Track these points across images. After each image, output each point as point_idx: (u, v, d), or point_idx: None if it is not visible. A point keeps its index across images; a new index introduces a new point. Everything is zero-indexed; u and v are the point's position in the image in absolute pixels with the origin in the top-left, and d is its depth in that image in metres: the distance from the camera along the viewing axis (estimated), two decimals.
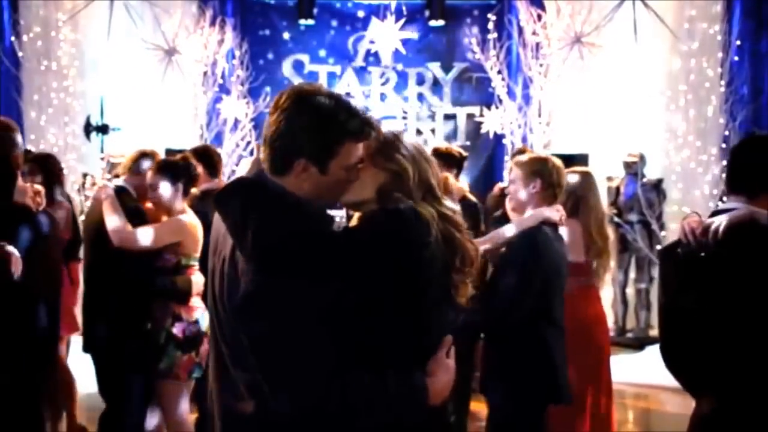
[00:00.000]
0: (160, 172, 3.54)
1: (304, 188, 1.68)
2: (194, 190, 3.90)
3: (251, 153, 8.25)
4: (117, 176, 5.36)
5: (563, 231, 3.64)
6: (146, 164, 3.74)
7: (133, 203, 3.62)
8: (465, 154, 5.09)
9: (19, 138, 2.71)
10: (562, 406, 3.18)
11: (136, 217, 3.56)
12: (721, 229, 2.23)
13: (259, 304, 1.56)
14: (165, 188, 3.53)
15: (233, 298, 1.61)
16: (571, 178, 3.76)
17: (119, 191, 3.62)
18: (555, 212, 3.12)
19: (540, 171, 3.12)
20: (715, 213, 2.37)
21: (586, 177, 3.94)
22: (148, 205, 3.70)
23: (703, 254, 2.30)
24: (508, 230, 3.08)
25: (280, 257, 1.56)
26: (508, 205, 3.33)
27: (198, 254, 3.58)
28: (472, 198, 4.77)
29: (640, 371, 6.30)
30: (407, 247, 1.67)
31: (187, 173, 3.60)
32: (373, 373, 1.61)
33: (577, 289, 3.69)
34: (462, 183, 4.79)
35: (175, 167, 3.59)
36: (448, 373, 1.73)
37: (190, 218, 3.60)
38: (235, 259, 1.63)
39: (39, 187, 2.74)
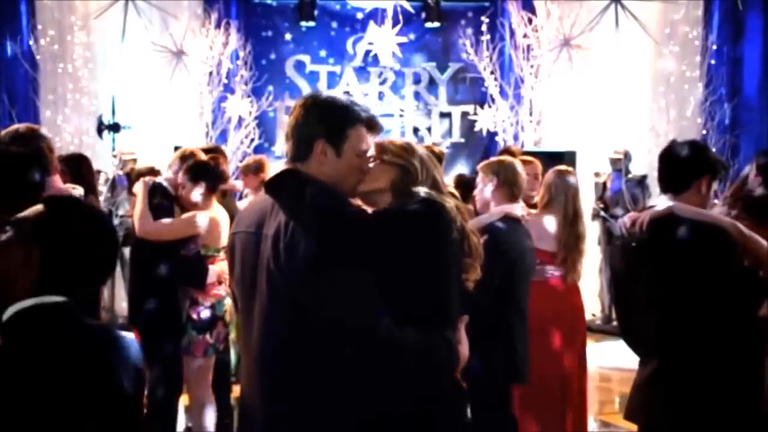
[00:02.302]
0: (185, 173, 3.84)
1: (324, 172, 1.96)
2: None
3: (255, 150, 8.51)
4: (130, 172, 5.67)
5: (548, 221, 3.97)
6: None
7: (159, 199, 3.90)
8: (444, 151, 5.40)
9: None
10: (527, 387, 3.53)
11: (160, 211, 3.85)
12: (645, 222, 2.66)
13: (320, 266, 1.81)
14: (189, 187, 3.84)
15: (293, 263, 1.84)
16: (550, 175, 4.08)
17: (155, 187, 3.92)
18: (518, 209, 3.44)
19: (496, 171, 3.46)
20: (647, 208, 2.81)
21: (559, 176, 4.08)
22: None
23: (633, 244, 2.73)
24: (473, 224, 3.35)
25: (336, 224, 1.85)
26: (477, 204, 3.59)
27: (221, 245, 3.83)
28: (454, 192, 5.05)
29: (625, 357, 6.59)
30: (442, 226, 1.97)
31: (208, 174, 3.87)
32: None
33: (550, 279, 3.94)
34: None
35: (196, 168, 3.86)
36: (466, 345, 2.03)
37: (214, 213, 3.87)
38: (286, 237, 1.87)
39: (78, 188, 3.09)
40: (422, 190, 2.03)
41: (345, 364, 1.84)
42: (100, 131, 7.63)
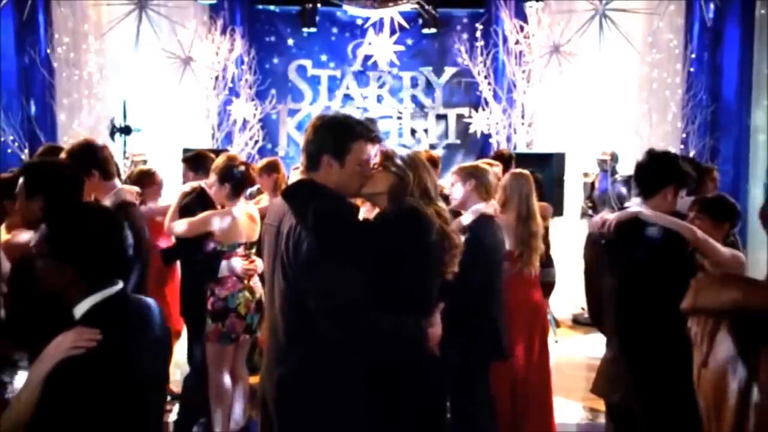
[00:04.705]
0: (215, 174, 4.15)
1: (331, 180, 2.36)
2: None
3: (259, 151, 8.86)
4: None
5: (505, 221, 4.22)
6: None
7: (188, 201, 4.26)
8: (440, 156, 5.74)
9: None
10: (501, 361, 3.85)
11: (184, 212, 4.23)
12: (612, 223, 3.02)
13: (317, 261, 2.21)
14: (216, 188, 4.14)
15: (298, 258, 2.24)
16: (506, 177, 4.38)
17: (195, 191, 4.28)
18: (491, 207, 3.81)
19: (473, 174, 3.79)
20: (622, 209, 3.16)
21: (515, 178, 4.34)
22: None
23: (603, 241, 3.10)
24: (465, 219, 3.70)
25: (333, 230, 2.24)
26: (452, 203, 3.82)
27: (239, 242, 4.14)
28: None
29: None
30: (420, 232, 2.38)
31: (232, 176, 4.11)
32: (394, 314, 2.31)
33: (509, 275, 4.17)
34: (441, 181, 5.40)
35: (220, 171, 4.13)
36: (439, 327, 2.46)
37: (234, 213, 4.11)
38: (295, 236, 2.26)
39: (137, 189, 3.50)
40: (409, 200, 2.43)
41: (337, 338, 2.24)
42: (112, 134, 7.88)
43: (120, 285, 1.94)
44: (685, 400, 2.87)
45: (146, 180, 5.52)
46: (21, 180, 2.67)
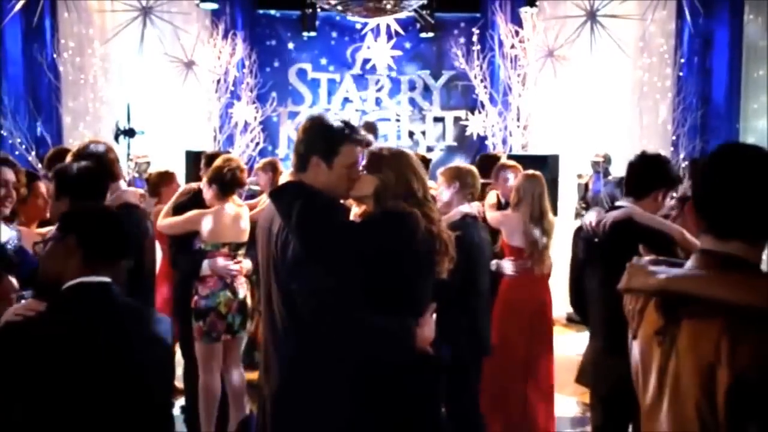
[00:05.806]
0: (206, 175, 4.27)
1: (319, 181, 2.39)
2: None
3: (260, 153, 9.01)
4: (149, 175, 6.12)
5: (518, 220, 4.41)
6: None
7: (181, 200, 4.39)
8: (429, 158, 5.87)
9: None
10: (491, 358, 3.93)
11: (176, 211, 4.34)
12: (608, 224, 3.11)
13: (301, 264, 2.23)
14: (205, 189, 4.23)
15: (285, 259, 2.29)
16: (519, 178, 4.52)
17: (192, 191, 4.42)
18: (474, 208, 3.90)
19: (457, 176, 3.87)
20: (612, 209, 3.23)
21: (527, 179, 4.44)
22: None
23: (596, 240, 3.18)
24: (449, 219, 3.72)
25: (315, 233, 2.28)
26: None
27: (222, 242, 4.19)
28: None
29: None
30: (403, 233, 2.40)
31: (218, 178, 4.17)
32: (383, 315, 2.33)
33: (517, 272, 4.35)
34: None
35: (209, 173, 4.24)
36: (431, 328, 2.45)
37: (219, 213, 4.17)
38: (283, 236, 2.32)
39: (141, 191, 3.65)
40: (392, 203, 2.47)
41: (326, 335, 2.31)
42: (116, 136, 8.02)
43: (106, 280, 1.98)
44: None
45: (164, 181, 5.69)
46: (53, 183, 2.90)
